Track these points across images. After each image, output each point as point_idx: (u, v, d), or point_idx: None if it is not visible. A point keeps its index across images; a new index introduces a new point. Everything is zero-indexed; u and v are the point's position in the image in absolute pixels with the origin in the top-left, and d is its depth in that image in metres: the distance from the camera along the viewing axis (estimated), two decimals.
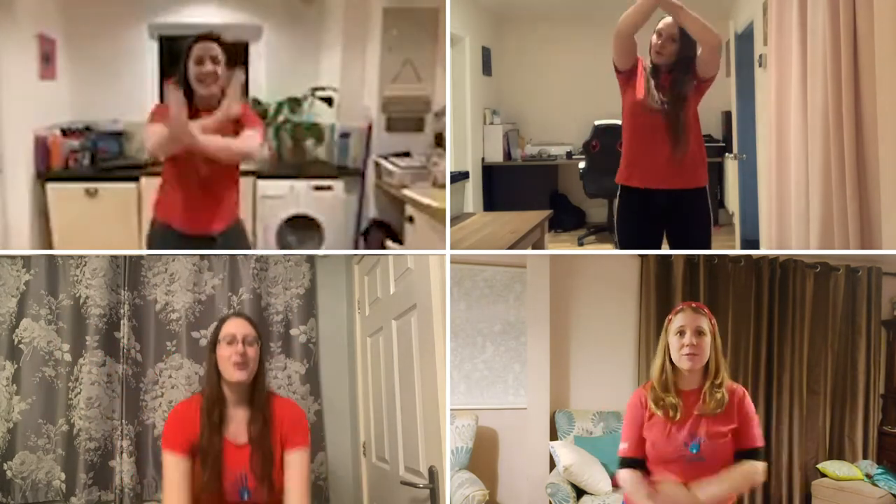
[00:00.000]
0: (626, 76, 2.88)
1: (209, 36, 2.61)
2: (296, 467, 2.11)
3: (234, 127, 2.66)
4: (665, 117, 2.82)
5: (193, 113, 2.60)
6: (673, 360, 2.01)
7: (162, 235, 2.71)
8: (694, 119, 2.86)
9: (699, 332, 1.98)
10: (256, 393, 2.14)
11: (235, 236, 2.81)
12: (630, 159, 2.94)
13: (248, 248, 2.99)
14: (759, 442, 2.00)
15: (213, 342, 2.14)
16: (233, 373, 2.08)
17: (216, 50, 2.59)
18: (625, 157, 2.96)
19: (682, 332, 1.99)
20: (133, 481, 3.04)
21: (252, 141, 2.62)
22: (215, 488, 2.02)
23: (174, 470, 2.03)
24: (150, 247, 2.77)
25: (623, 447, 2.06)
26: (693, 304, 2.05)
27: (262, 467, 2.07)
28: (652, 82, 2.83)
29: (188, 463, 2.04)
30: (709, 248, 3.02)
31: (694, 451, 1.93)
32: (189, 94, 2.61)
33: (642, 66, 2.88)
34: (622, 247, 3.05)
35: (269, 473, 2.07)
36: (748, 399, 2.02)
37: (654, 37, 2.83)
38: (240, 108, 2.65)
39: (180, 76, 2.62)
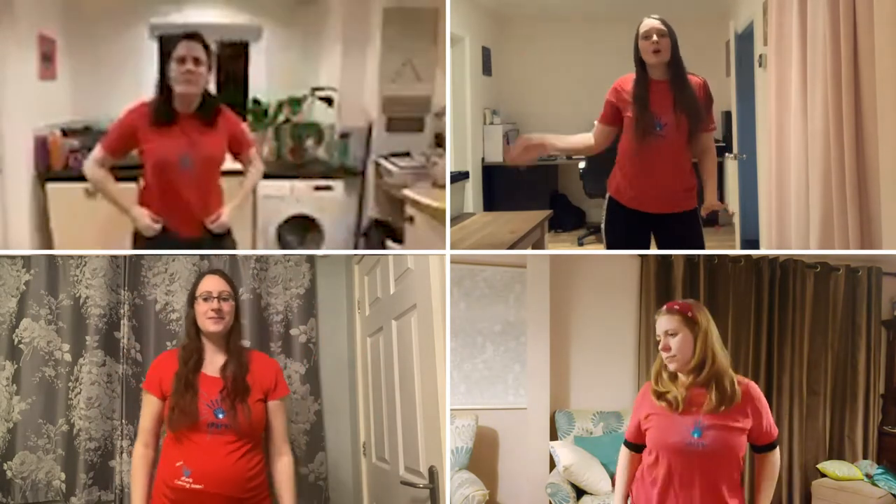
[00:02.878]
0: (619, 114, 2.86)
1: (192, 35, 2.61)
2: (280, 415, 2.38)
3: (228, 140, 2.73)
4: (665, 141, 2.77)
5: (174, 116, 2.63)
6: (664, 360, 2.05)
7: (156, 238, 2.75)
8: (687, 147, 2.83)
9: (670, 334, 1.99)
10: (231, 343, 2.34)
11: (220, 243, 2.85)
12: (621, 177, 2.89)
13: (235, 245, 3.03)
14: (775, 432, 2.05)
15: (192, 298, 2.34)
16: (209, 325, 2.28)
17: (199, 50, 2.59)
18: (617, 172, 2.91)
19: (661, 338, 2.03)
20: None
21: (258, 163, 2.94)
22: (192, 410, 2.21)
23: (147, 407, 2.33)
24: (134, 244, 2.81)
25: (627, 430, 2.19)
26: (667, 306, 2.05)
27: (235, 393, 2.25)
28: (645, 102, 2.76)
29: (160, 404, 2.29)
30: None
31: (696, 436, 1.93)
32: (168, 92, 2.62)
33: (626, 89, 2.80)
34: (609, 249, 3.05)
35: (244, 400, 2.25)
36: (758, 392, 2.01)
37: (644, 40, 2.75)
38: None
39: (158, 78, 2.67)
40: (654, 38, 2.73)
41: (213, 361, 2.32)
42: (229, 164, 2.88)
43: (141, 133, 2.64)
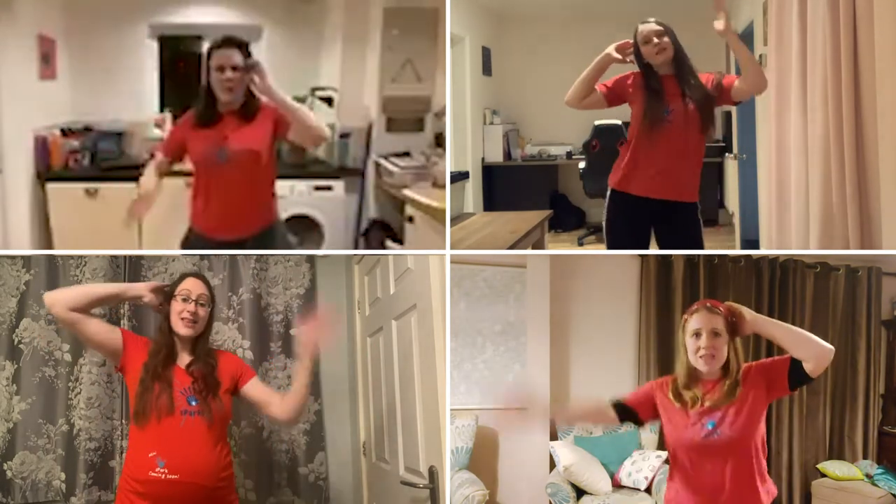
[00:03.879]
0: (616, 100, 2.87)
1: (228, 41, 2.61)
2: (258, 387, 2.40)
3: (273, 125, 2.68)
4: (673, 126, 2.78)
5: (217, 117, 2.65)
6: (690, 360, 2.01)
7: (196, 244, 2.76)
8: (703, 135, 2.83)
9: (715, 334, 1.97)
10: (199, 346, 2.34)
11: (271, 238, 2.81)
12: (630, 166, 2.89)
13: (289, 248, 3.01)
14: (788, 358, 1.97)
15: (170, 294, 2.34)
16: (181, 327, 2.29)
17: (235, 56, 2.58)
18: (625, 163, 2.90)
19: (697, 335, 1.98)
20: None
21: (321, 121, 2.74)
22: (167, 402, 2.21)
23: (109, 329, 2.32)
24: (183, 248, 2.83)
25: (626, 395, 2.12)
26: (708, 304, 2.03)
27: (206, 385, 2.27)
28: (655, 91, 2.79)
29: (115, 347, 2.29)
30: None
31: (710, 426, 1.94)
32: (212, 99, 2.64)
33: (635, 80, 2.84)
34: (611, 248, 3.05)
35: (216, 393, 2.28)
36: (749, 366, 2.02)
37: (644, 44, 2.78)
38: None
39: (200, 86, 2.66)
40: (655, 40, 2.77)
41: (182, 359, 2.33)
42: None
43: (188, 139, 2.67)
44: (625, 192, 2.91)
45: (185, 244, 2.80)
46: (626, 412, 2.10)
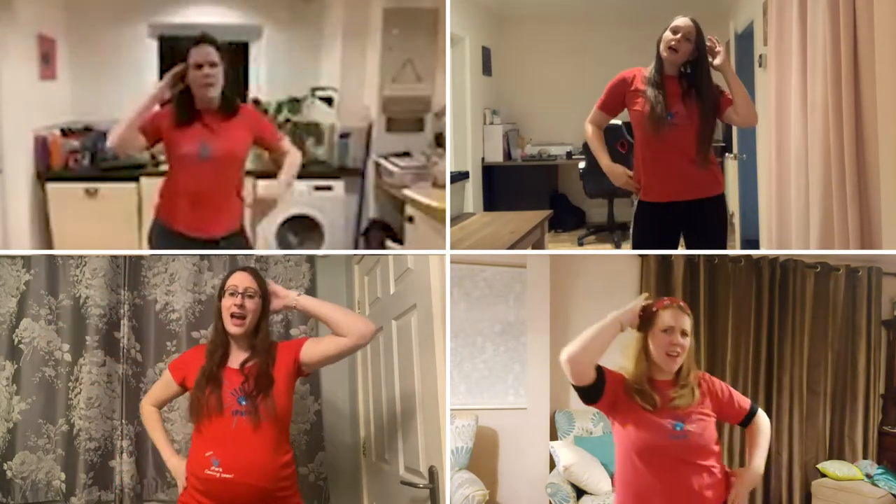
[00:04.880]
0: (617, 108, 2.85)
1: (204, 39, 2.64)
2: (312, 344, 2.33)
3: (252, 136, 2.73)
4: (678, 129, 2.73)
5: (196, 115, 2.65)
6: (652, 354, 2.00)
7: (160, 232, 2.75)
8: (711, 128, 2.79)
9: (683, 334, 1.98)
10: (258, 342, 2.30)
11: (237, 244, 2.84)
12: (646, 175, 2.84)
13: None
14: (748, 403, 2.10)
15: (220, 292, 2.34)
16: (230, 325, 2.27)
17: (213, 55, 2.62)
18: (640, 173, 2.86)
19: (668, 331, 1.98)
20: (133, 481, 3.04)
21: (296, 151, 2.89)
22: (216, 402, 2.21)
23: (164, 383, 2.40)
24: (150, 242, 2.80)
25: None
26: (678, 303, 2.02)
27: (258, 385, 2.23)
28: (657, 93, 2.73)
29: (177, 389, 2.36)
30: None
31: (678, 428, 1.94)
32: (190, 98, 2.65)
33: (639, 80, 2.79)
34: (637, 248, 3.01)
35: (268, 393, 2.23)
36: (713, 380, 2.07)
37: (670, 33, 2.72)
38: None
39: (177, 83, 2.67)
40: (679, 35, 2.70)
41: (238, 357, 2.30)
42: None
43: (165, 131, 2.66)
44: (650, 202, 2.85)
45: (152, 235, 2.79)
46: (597, 387, 2.02)
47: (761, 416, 2.12)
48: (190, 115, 2.65)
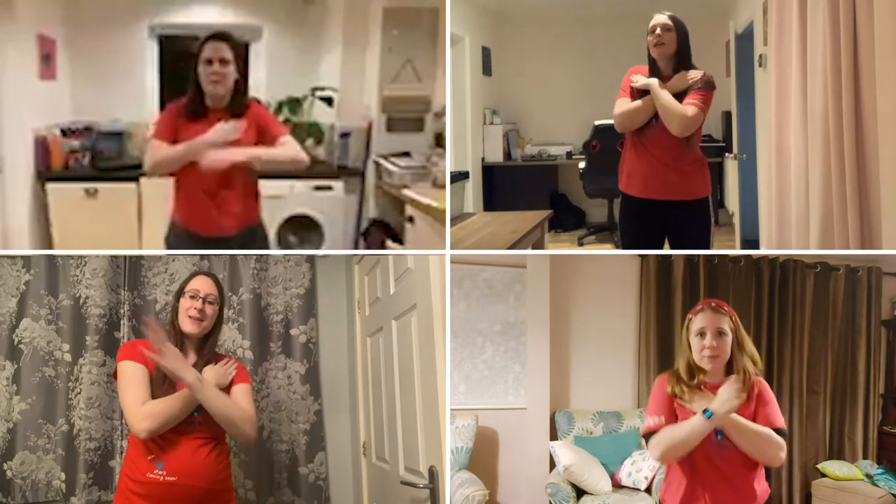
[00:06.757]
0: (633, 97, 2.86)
1: (219, 35, 2.62)
2: (244, 395, 2.35)
3: (257, 133, 2.69)
4: (661, 131, 2.77)
5: (204, 111, 2.64)
6: (694, 359, 2.01)
7: (178, 237, 2.73)
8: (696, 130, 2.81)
9: (720, 333, 1.98)
10: (207, 348, 2.36)
11: (252, 238, 2.81)
12: (628, 168, 2.91)
13: (268, 249, 3.00)
14: (780, 423, 1.97)
15: (179, 292, 2.37)
16: (186, 324, 2.31)
17: (225, 51, 2.60)
18: (623, 164, 2.92)
19: (702, 334, 1.99)
20: None
21: (294, 147, 2.73)
22: None
23: (136, 375, 2.21)
24: (167, 244, 2.80)
25: (650, 422, 2.00)
26: (713, 304, 2.03)
27: None
28: (643, 92, 2.78)
29: (145, 369, 2.22)
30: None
31: (719, 436, 1.94)
32: (200, 93, 2.63)
33: (629, 79, 2.84)
34: (625, 248, 3.04)
35: None
36: (766, 387, 2.02)
37: (650, 34, 2.78)
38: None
39: (191, 76, 2.64)
40: (658, 31, 2.77)
41: (189, 358, 2.31)
42: None
43: (179, 128, 2.65)
44: (631, 195, 2.91)
45: (169, 238, 2.77)
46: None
47: (780, 439, 1.98)
48: (199, 110, 2.64)
